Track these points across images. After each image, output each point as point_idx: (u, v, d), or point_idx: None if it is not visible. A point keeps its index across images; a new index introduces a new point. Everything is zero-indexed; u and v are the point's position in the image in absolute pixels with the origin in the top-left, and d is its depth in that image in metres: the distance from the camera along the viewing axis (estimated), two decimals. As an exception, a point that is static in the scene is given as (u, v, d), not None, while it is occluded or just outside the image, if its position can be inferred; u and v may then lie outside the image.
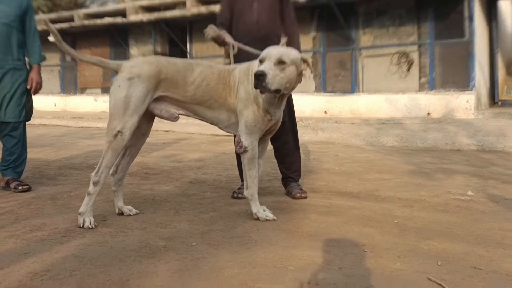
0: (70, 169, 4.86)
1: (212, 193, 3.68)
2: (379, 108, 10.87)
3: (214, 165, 5.18)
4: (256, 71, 2.50)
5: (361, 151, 6.72)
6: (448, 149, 6.76)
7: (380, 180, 4.30)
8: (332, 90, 12.01)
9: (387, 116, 10.49)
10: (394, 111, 10.64)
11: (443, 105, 10.37)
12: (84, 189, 3.64)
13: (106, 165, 2.67)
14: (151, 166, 5.11)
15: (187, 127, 9.84)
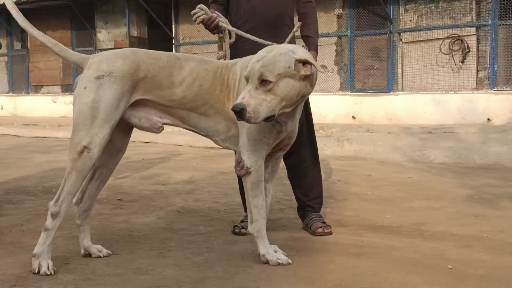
0: (21, 195, 4.88)
1: (206, 227, 3.68)
2: (424, 112, 10.86)
3: (208, 189, 5.20)
4: (233, 105, 2.50)
5: (401, 170, 6.72)
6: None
7: (427, 209, 4.30)
8: (362, 88, 12.02)
9: (434, 122, 10.48)
10: (443, 116, 10.63)
11: (507, 108, 10.36)
12: (40, 221, 3.65)
13: (69, 191, 2.68)
14: (127, 190, 5.12)
15: (174, 137, 9.89)
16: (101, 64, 2.71)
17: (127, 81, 2.71)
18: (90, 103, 2.65)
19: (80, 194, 2.96)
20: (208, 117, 2.85)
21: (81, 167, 2.67)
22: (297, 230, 3.61)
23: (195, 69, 2.83)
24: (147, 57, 2.79)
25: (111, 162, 3.01)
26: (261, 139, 2.77)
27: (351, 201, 4.62)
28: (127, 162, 7.19)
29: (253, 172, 2.78)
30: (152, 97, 2.79)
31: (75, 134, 2.67)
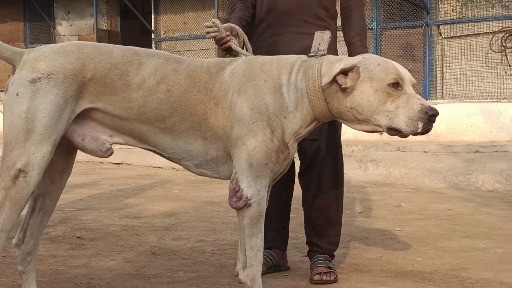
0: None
1: (187, 273, 3.67)
2: (469, 125, 10.89)
3: (192, 224, 5.20)
4: (434, 110, 2.62)
5: (439, 199, 6.72)
6: None
7: (469, 250, 4.29)
8: (391, 94, 12.03)
9: (482, 139, 10.49)
10: (494, 131, 10.64)
11: None
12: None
13: (2, 227, 2.63)
14: (89, 225, 5.13)
15: (152, 158, 9.89)
16: (37, 62, 2.66)
17: (71, 84, 2.66)
18: (24, 114, 2.60)
19: (21, 233, 2.93)
20: (177, 133, 2.80)
21: (16, 196, 2.63)
22: (303, 277, 3.61)
23: (161, 68, 2.78)
24: (95, 52, 2.74)
25: (54, 188, 2.97)
26: (267, 164, 2.75)
27: (373, 239, 4.62)
28: (91, 189, 7.20)
29: (254, 204, 2.76)
30: (103, 105, 2.74)
31: (6, 154, 2.63)
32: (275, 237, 3.73)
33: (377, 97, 2.65)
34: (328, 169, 3.64)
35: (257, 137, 2.72)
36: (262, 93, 2.75)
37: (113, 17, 15.66)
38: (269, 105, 2.74)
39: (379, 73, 2.65)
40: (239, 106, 2.74)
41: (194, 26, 14.42)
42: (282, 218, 3.78)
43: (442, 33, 11.70)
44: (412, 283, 3.49)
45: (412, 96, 2.65)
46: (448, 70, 11.60)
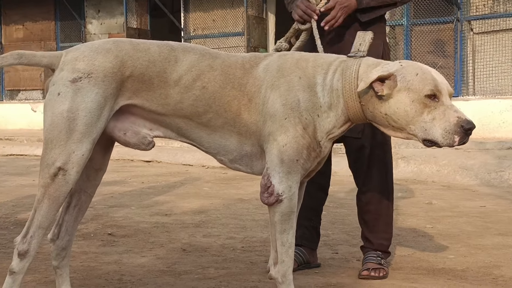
0: (-12, 227, 4.95)
1: (217, 270, 3.68)
2: (501, 122, 10.78)
3: (223, 221, 5.21)
4: (471, 123, 2.62)
5: (471, 196, 6.66)
6: None
7: (502, 247, 4.25)
8: (422, 91, 11.96)
9: (516, 135, 10.40)
10: (527, 127, 10.54)
11: None
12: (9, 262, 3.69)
13: (40, 224, 2.69)
14: (120, 222, 5.17)
15: (182, 155, 9.95)
16: (77, 62, 2.69)
17: (111, 83, 2.69)
18: (65, 113, 2.64)
19: (56, 229, 2.98)
20: (213, 128, 2.82)
21: (55, 193, 2.67)
22: (333, 274, 3.60)
23: (196, 64, 2.80)
24: (133, 49, 2.76)
25: (90, 184, 3.01)
26: (298, 160, 2.75)
27: (404, 236, 4.59)
28: (122, 187, 7.25)
29: (285, 200, 2.76)
30: (140, 101, 2.77)
31: (47, 153, 2.67)
32: (303, 234, 3.74)
33: (414, 107, 2.64)
34: (376, 167, 3.65)
35: (289, 133, 2.72)
36: (295, 89, 2.75)
37: (142, 16, 15.73)
38: (301, 101, 2.74)
39: (417, 84, 2.64)
40: (272, 102, 2.74)
41: (223, 24, 14.44)
42: (312, 216, 3.78)
43: (474, 28, 11.59)
44: (444, 281, 3.47)
45: (449, 108, 2.63)
46: (480, 66, 11.49)
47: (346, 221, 5.17)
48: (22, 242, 2.69)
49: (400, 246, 4.29)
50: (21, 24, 17.04)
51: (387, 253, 3.71)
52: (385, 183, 3.69)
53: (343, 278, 3.54)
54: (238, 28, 14.09)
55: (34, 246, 2.69)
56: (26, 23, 16.97)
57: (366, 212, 3.71)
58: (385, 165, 3.69)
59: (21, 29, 17.10)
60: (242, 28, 13.86)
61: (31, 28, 16.91)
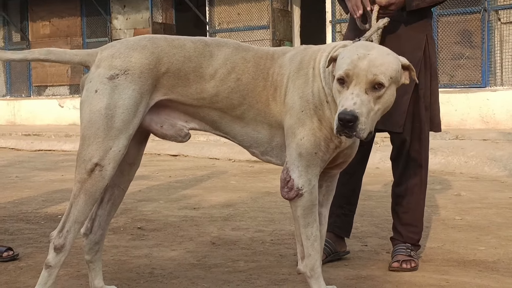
0: (19, 222, 5.00)
1: (247, 263, 3.70)
2: (530, 111, 10.70)
3: (251, 214, 5.23)
4: (342, 114, 2.46)
5: (500, 188, 6.60)
6: None
7: (533, 239, 4.22)
8: (449, 82, 11.89)
9: (545, 125, 10.31)
10: (557, 117, 10.45)
11: None
12: (42, 256, 3.74)
13: (76, 218, 2.72)
14: (149, 216, 5.21)
15: (208, 149, 9.97)
16: (114, 59, 2.72)
17: (147, 79, 2.72)
18: (103, 111, 2.67)
19: (90, 223, 3.01)
20: (246, 121, 2.84)
21: (91, 188, 2.70)
22: (363, 267, 3.60)
23: (231, 57, 2.82)
24: (168, 45, 2.79)
25: (123, 179, 3.05)
26: (316, 153, 2.75)
27: (434, 228, 4.57)
28: (149, 181, 7.29)
29: (305, 194, 2.77)
30: (176, 96, 2.80)
31: (84, 149, 2.71)
32: (334, 222, 3.76)
33: (335, 90, 2.62)
34: (413, 160, 3.67)
35: (306, 126, 2.73)
36: (310, 81, 2.76)
37: (168, 10, 15.77)
38: (314, 93, 2.75)
39: (337, 67, 2.61)
40: (291, 94, 2.77)
41: (248, 17, 14.44)
42: (343, 204, 3.78)
43: (501, 18, 11.47)
44: (475, 272, 3.45)
45: (348, 94, 2.53)
46: (508, 56, 11.37)
47: (374, 213, 5.16)
48: (58, 236, 2.72)
49: (430, 238, 4.27)
50: (47, 21, 17.17)
51: (417, 246, 3.70)
52: (419, 178, 3.69)
53: (373, 270, 3.54)
54: (263, 21, 14.09)
55: (70, 240, 2.72)
56: (52, 20, 17.10)
57: (398, 205, 3.71)
58: (421, 160, 3.69)
59: (48, 25, 17.23)
60: (267, 21, 13.85)
61: (57, 24, 17.03)
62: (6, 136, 13.53)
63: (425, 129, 3.67)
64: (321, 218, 3.02)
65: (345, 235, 3.82)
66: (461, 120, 11.21)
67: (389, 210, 3.85)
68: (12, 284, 3.33)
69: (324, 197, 3.04)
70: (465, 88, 11.60)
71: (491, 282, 3.26)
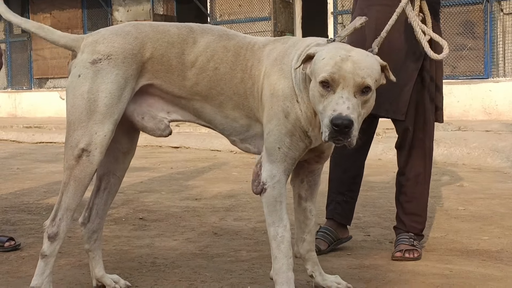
0: (21, 213, 5.00)
1: (249, 253, 3.69)
2: (533, 102, 10.69)
3: (253, 205, 5.22)
4: (339, 119, 2.33)
5: (502, 178, 6.59)
6: None
7: (537, 229, 4.22)
8: (451, 74, 11.86)
9: (547, 116, 10.30)
10: (560, 108, 10.44)
11: None
12: (43, 246, 3.74)
13: (68, 206, 2.71)
14: (151, 207, 5.20)
15: (210, 141, 9.96)
16: (97, 45, 2.73)
17: (131, 64, 2.71)
18: (86, 95, 2.67)
19: (87, 212, 3.01)
20: (226, 111, 2.80)
21: (80, 175, 2.70)
22: (366, 256, 3.60)
23: (212, 45, 2.78)
24: (152, 31, 2.78)
25: (118, 167, 3.04)
26: (279, 148, 2.67)
27: (437, 219, 4.57)
28: (151, 172, 7.28)
29: (268, 189, 2.68)
30: (159, 82, 2.78)
31: (70, 135, 2.71)
32: (334, 209, 3.76)
33: (316, 93, 2.46)
34: (416, 149, 3.67)
35: (272, 121, 2.66)
36: (281, 77, 2.67)
37: (169, 2, 15.75)
38: (282, 89, 2.65)
39: (318, 69, 2.46)
40: (265, 90, 2.70)
41: (250, 9, 14.41)
42: (344, 191, 3.77)
43: (504, 9, 11.45)
44: (478, 262, 3.45)
45: (336, 99, 2.39)
46: (510, 47, 11.36)
47: (377, 203, 5.15)
48: (51, 225, 2.72)
49: (433, 228, 4.27)
50: (48, 13, 17.16)
51: (420, 235, 3.70)
52: (422, 167, 3.69)
53: (376, 259, 3.53)
54: (265, 12, 14.06)
55: (63, 228, 2.72)
56: (53, 12, 17.09)
57: (401, 194, 3.71)
58: (425, 149, 3.69)
59: (49, 17, 17.21)
60: (268, 13, 13.82)
61: (58, 16, 17.02)
62: (8, 129, 13.52)
63: (429, 118, 3.66)
64: (306, 212, 3.02)
65: (346, 223, 3.81)
66: (463, 111, 11.20)
67: (392, 201, 3.85)
68: (13, 274, 3.33)
69: (308, 191, 3.00)
70: (467, 79, 11.58)
71: (494, 271, 3.26)
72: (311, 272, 3.02)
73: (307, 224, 3.02)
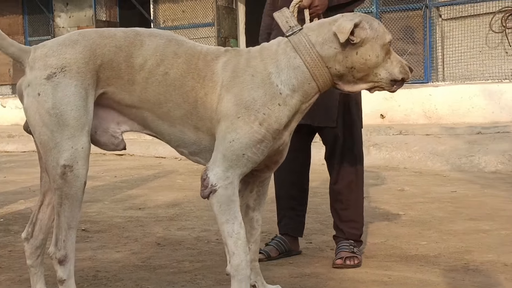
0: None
1: (193, 263, 3.69)
2: (470, 107, 10.87)
3: (197, 213, 5.22)
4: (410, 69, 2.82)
5: (442, 182, 6.72)
6: None
7: (473, 232, 4.31)
8: (392, 78, 12.03)
9: (485, 120, 10.49)
10: (496, 112, 10.63)
11: None
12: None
13: (69, 225, 2.69)
14: (94, 217, 5.15)
15: (154, 148, 9.92)
16: (47, 58, 2.66)
17: (85, 73, 2.66)
18: (51, 111, 2.61)
19: (30, 227, 2.95)
20: (172, 120, 2.78)
21: (70, 191, 2.65)
22: (308, 264, 3.63)
23: (161, 49, 2.76)
24: (99, 36, 2.74)
25: None
26: (244, 154, 2.68)
27: (377, 224, 4.63)
28: (94, 181, 7.21)
29: (219, 189, 2.67)
30: (112, 89, 2.74)
31: (48, 156, 2.65)
32: (287, 224, 3.82)
33: (382, 53, 2.72)
34: (347, 156, 3.71)
35: (240, 130, 2.66)
36: (248, 88, 2.69)
37: (111, 8, 15.62)
38: (257, 99, 2.67)
39: (382, 31, 2.74)
40: (226, 102, 2.69)
41: (193, 15, 14.40)
42: (295, 205, 3.84)
43: (442, 14, 11.68)
44: (417, 267, 3.51)
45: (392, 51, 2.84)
46: (449, 52, 11.58)
47: (319, 210, 5.20)
48: (57, 249, 2.71)
49: (373, 233, 4.32)
50: (-12, 19, 16.85)
51: (359, 241, 3.75)
52: (354, 174, 3.73)
53: (317, 267, 3.57)
54: (208, 18, 14.06)
55: (70, 247, 2.72)
56: (-8, 18, 16.77)
57: (337, 202, 3.76)
58: (355, 155, 3.74)
59: (-13, 24, 16.89)
60: (212, 19, 13.83)
61: (-3, 22, 16.72)
62: None
63: (357, 124, 3.73)
64: (253, 222, 3.03)
65: (299, 235, 3.88)
66: (404, 116, 11.36)
67: (335, 207, 3.89)
68: None
69: (256, 201, 3.02)
70: (408, 84, 11.71)
71: (432, 277, 3.32)
72: (253, 282, 3.04)
73: (253, 234, 3.02)
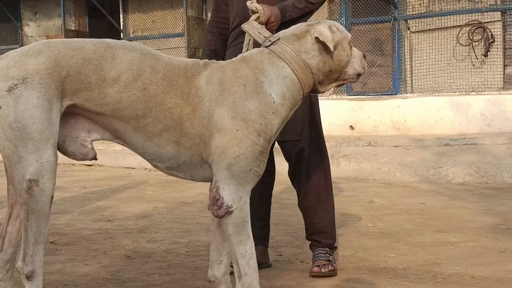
0: None
1: (162, 276, 3.67)
2: (438, 118, 10.97)
3: (166, 225, 5.19)
4: None
5: (410, 194, 6.77)
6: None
7: (441, 244, 4.35)
8: (361, 90, 12.12)
9: (452, 131, 10.59)
10: (464, 123, 10.74)
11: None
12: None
13: (36, 239, 2.64)
14: (62, 229, 5.10)
15: (124, 158, 9.86)
16: (9, 69, 2.59)
17: (49, 85, 2.59)
18: (14, 125, 2.55)
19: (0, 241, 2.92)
20: (150, 135, 2.74)
21: (37, 206, 2.59)
22: (277, 277, 3.63)
23: (137, 63, 2.71)
24: (66, 48, 2.68)
25: None
26: (251, 169, 2.70)
27: (346, 236, 4.65)
28: (63, 192, 7.15)
29: (235, 211, 2.71)
30: (81, 101, 2.67)
31: (13, 170, 2.59)
32: (258, 235, 3.78)
33: (348, 52, 2.93)
34: (314, 168, 3.73)
35: (242, 144, 2.67)
36: (242, 99, 2.70)
37: (81, 17, 15.53)
38: (253, 109, 2.69)
39: (343, 30, 2.93)
40: (219, 116, 2.69)
41: (163, 25, 14.38)
42: (264, 215, 3.90)
43: (410, 27, 11.79)
44: (385, 280, 3.53)
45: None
46: (417, 64, 11.69)
47: (289, 222, 5.21)
48: (24, 264, 2.66)
49: (343, 246, 4.34)
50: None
51: (334, 248, 3.80)
52: (323, 186, 3.76)
53: (287, 280, 3.57)
54: (178, 29, 14.04)
55: (38, 263, 2.66)
56: (-41, 26, 16.58)
57: (310, 215, 3.77)
58: (324, 167, 3.76)
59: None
60: (182, 29, 13.81)
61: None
62: None
63: (322, 135, 3.78)
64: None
65: (267, 246, 3.91)
66: (373, 127, 11.42)
67: (304, 219, 3.90)
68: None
69: None
70: (377, 95, 11.85)
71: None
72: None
73: (225, 246, 2.98)
